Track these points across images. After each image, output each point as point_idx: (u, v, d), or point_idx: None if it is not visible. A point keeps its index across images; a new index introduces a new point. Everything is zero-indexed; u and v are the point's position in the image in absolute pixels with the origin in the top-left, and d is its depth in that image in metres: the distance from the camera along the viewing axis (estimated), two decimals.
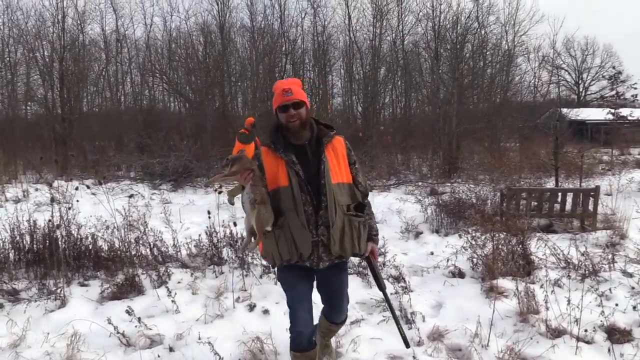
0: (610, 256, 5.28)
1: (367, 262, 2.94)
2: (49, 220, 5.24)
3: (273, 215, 2.57)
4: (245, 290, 4.80)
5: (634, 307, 4.05)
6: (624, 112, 23.79)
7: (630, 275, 4.94)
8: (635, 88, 29.52)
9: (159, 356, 3.57)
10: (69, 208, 5.61)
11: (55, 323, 4.06)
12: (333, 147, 2.73)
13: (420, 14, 25.27)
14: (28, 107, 26.06)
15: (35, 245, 5.29)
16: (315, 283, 2.93)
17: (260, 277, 5.13)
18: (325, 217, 2.60)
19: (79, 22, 24.48)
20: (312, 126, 2.75)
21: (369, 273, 3.34)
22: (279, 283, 3.14)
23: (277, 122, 2.74)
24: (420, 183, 13.45)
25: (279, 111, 2.67)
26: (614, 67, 32.15)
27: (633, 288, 4.58)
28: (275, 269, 2.95)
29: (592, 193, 7.52)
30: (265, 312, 4.31)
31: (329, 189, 2.60)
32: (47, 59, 23.62)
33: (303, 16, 26.54)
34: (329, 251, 2.64)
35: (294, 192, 2.59)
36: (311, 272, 2.79)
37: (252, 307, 4.40)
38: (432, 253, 6.11)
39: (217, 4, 24.16)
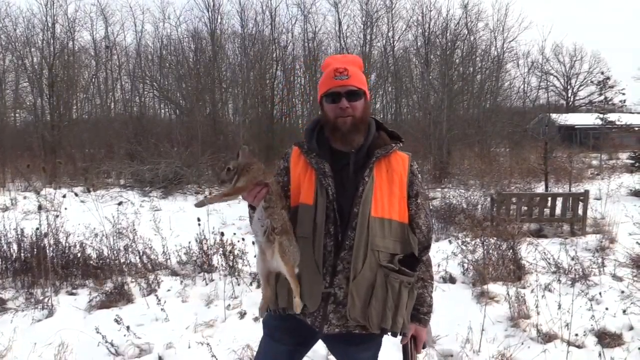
0: (600, 260, 5.32)
1: (403, 353, 1.96)
2: (37, 229, 5.18)
3: (299, 249, 1.79)
4: (236, 298, 4.77)
5: (624, 311, 4.07)
6: (612, 117, 24.11)
7: (620, 279, 4.97)
8: (624, 94, 29.99)
9: None
10: (57, 216, 5.56)
11: (43, 333, 3.99)
12: (389, 164, 1.87)
13: (410, 20, 25.57)
14: (17, 115, 25.93)
15: (22, 254, 5.22)
16: (325, 350, 2.00)
17: (251, 284, 5.09)
18: (347, 263, 1.77)
19: (68, 29, 24.44)
20: (370, 129, 1.92)
21: None
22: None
23: (318, 117, 1.98)
24: None
25: (326, 100, 1.86)
26: (602, 73, 32.53)
27: (623, 292, 4.61)
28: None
29: (581, 198, 7.58)
30: (256, 319, 4.27)
31: (360, 222, 1.76)
32: (37, 66, 23.53)
33: (294, 23, 26.91)
34: (341, 313, 1.79)
35: (317, 217, 1.79)
36: (312, 335, 1.93)
37: (242, 315, 4.37)
38: None
39: (208, 11, 24.26)
